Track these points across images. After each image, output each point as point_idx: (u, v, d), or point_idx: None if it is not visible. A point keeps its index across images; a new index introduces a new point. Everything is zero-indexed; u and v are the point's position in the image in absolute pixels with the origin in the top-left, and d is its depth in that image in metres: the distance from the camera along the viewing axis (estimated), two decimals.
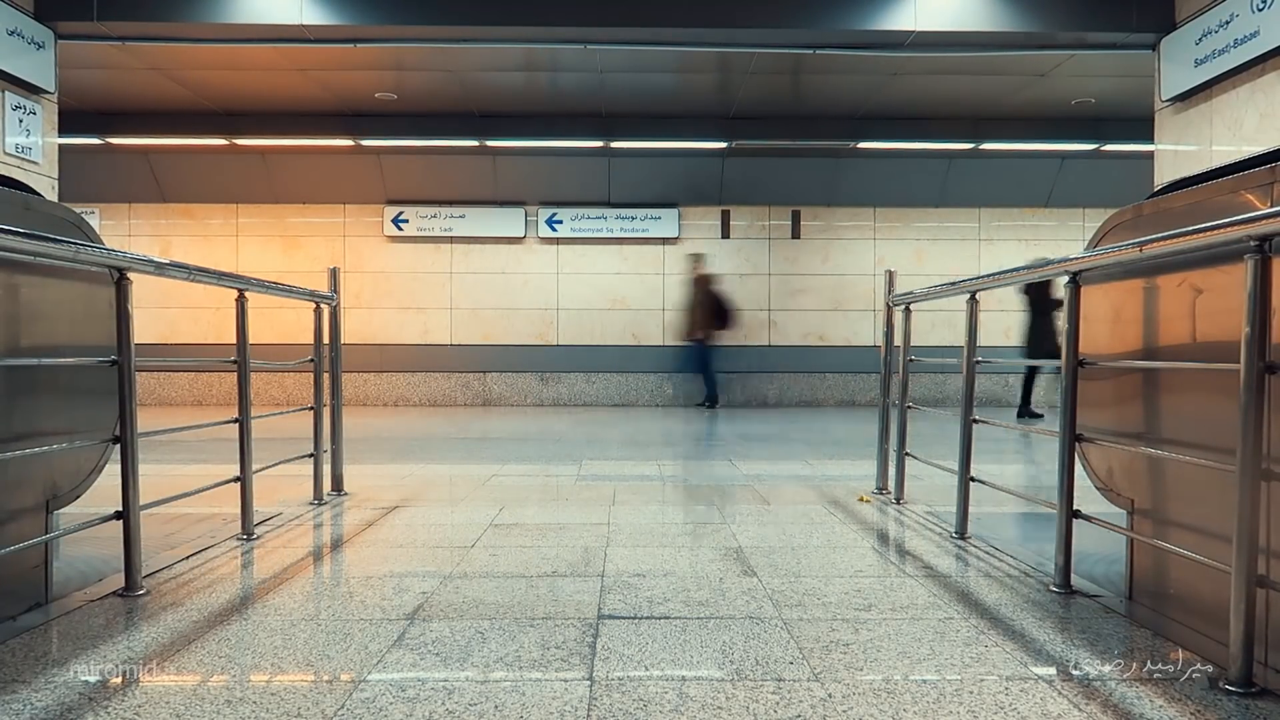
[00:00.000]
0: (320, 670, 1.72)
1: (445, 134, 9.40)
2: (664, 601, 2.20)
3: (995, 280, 2.94)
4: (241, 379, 2.98)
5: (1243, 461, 1.59)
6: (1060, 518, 2.30)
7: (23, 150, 5.97)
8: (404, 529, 3.15)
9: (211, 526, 3.09)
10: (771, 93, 8.54)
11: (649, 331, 10.52)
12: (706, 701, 1.56)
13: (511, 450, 5.84)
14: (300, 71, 7.73)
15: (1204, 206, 1.90)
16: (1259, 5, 5.20)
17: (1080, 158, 9.71)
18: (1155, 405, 2.13)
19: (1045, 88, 8.17)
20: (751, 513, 3.48)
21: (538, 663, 1.76)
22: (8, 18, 5.65)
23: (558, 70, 7.94)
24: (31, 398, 2.11)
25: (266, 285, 3.21)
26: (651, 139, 9.52)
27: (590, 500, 3.76)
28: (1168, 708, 1.54)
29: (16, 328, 2.05)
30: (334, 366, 3.87)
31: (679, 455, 5.54)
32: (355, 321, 10.17)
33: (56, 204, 2.31)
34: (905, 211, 10.57)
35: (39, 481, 2.13)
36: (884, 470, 3.96)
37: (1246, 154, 2.11)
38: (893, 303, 3.90)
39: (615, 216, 10.43)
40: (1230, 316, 1.74)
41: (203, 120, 9.15)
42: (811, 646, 1.86)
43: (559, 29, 6.37)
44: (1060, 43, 6.50)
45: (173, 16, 6.03)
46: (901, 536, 3.12)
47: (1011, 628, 2.01)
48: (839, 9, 6.21)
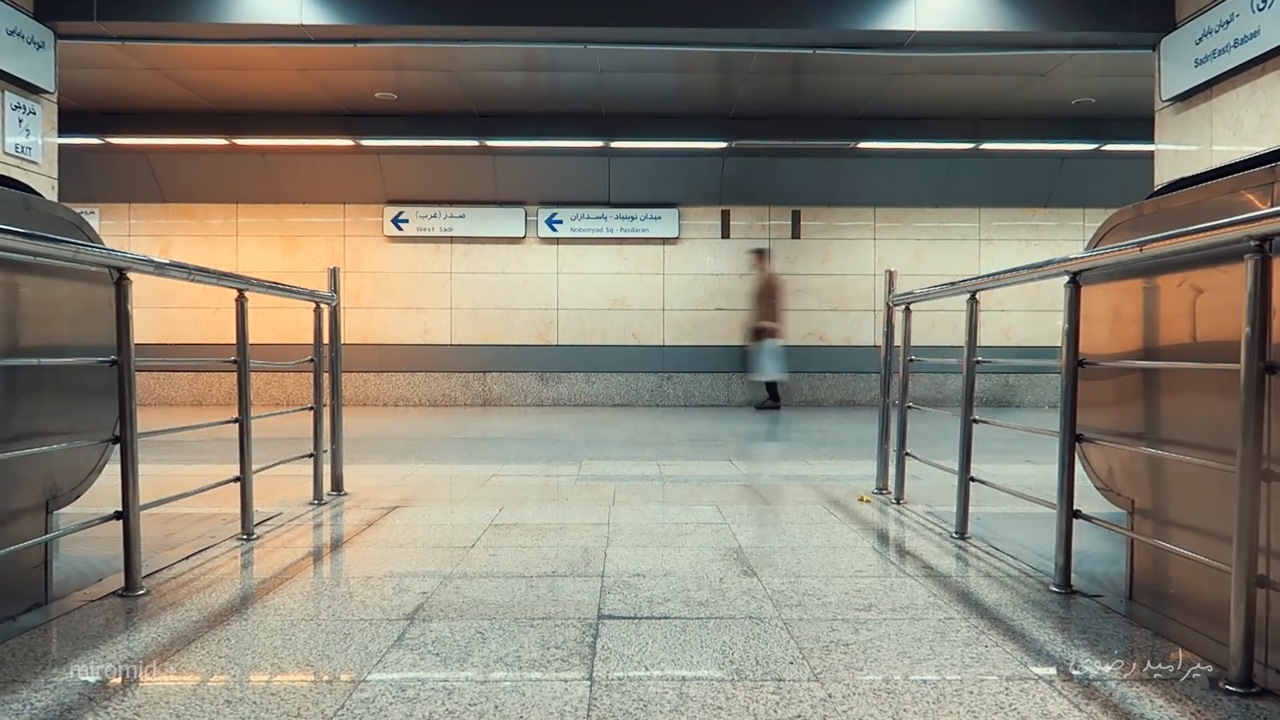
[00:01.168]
0: (320, 670, 1.72)
1: (445, 134, 9.39)
2: (664, 601, 2.20)
3: (995, 280, 2.94)
4: (241, 379, 2.98)
5: (1243, 461, 1.59)
6: (1060, 518, 2.30)
7: (22, 150, 5.97)
8: (404, 529, 3.15)
9: (211, 526, 3.09)
10: (771, 93, 8.54)
11: (649, 331, 10.52)
12: (706, 701, 1.56)
13: (511, 450, 5.84)
14: (300, 71, 7.73)
15: (1204, 206, 1.90)
16: (1259, 5, 5.20)
17: (1080, 158, 9.71)
18: (1155, 405, 2.13)
19: (1045, 88, 8.16)
20: (751, 513, 3.48)
21: (538, 663, 1.76)
22: (8, 18, 5.65)
23: (558, 70, 7.94)
24: (31, 398, 2.11)
25: (266, 285, 3.21)
26: (651, 139, 9.51)
27: (590, 500, 3.76)
28: (1168, 708, 1.54)
29: (16, 328, 2.05)
30: (334, 366, 3.87)
31: (679, 455, 5.54)
32: (355, 321, 10.17)
33: (56, 204, 2.31)
34: (905, 211, 10.56)
35: (39, 481, 2.13)
36: (884, 470, 3.96)
37: (1246, 154, 2.11)
38: (893, 303, 3.90)
39: (615, 216, 10.43)
40: (1230, 316, 1.74)
41: (203, 120, 9.15)
42: (811, 646, 1.86)
43: (559, 29, 6.37)
44: (1060, 43, 6.50)
45: (173, 16, 6.03)
46: (902, 536, 3.12)
47: (1012, 628, 2.00)
48: (839, 9, 6.21)
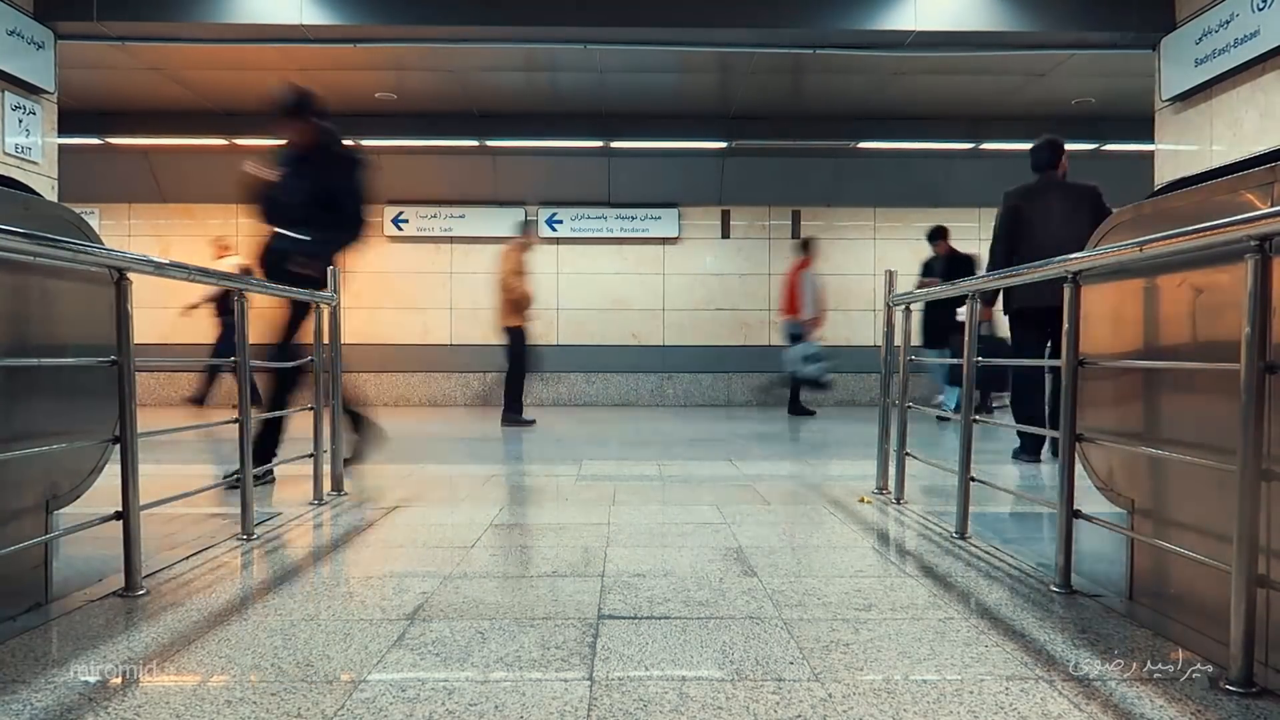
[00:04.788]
0: (320, 670, 1.72)
1: (445, 134, 9.40)
2: (664, 601, 2.20)
3: (995, 280, 2.94)
4: (241, 379, 2.98)
5: (1243, 461, 1.59)
6: (1060, 518, 2.30)
7: (23, 150, 5.97)
8: (404, 529, 3.15)
9: (211, 526, 3.09)
10: (771, 93, 8.54)
11: (649, 331, 10.52)
12: (706, 701, 1.56)
13: (511, 450, 5.84)
14: (300, 71, 7.73)
15: (1204, 206, 1.90)
16: (1259, 5, 5.20)
17: (1080, 158, 9.68)
18: (1155, 405, 2.13)
19: (1045, 87, 8.17)
20: (751, 513, 3.48)
21: (538, 663, 1.76)
22: (8, 18, 5.65)
23: (558, 70, 7.95)
24: (31, 398, 2.11)
25: (266, 285, 3.21)
26: (651, 139, 9.52)
27: (590, 500, 3.76)
28: (1168, 708, 1.54)
29: (16, 327, 2.05)
30: (334, 366, 3.87)
31: (679, 455, 5.54)
32: (355, 321, 10.17)
33: (56, 204, 2.31)
34: (905, 211, 10.56)
35: (39, 481, 2.13)
36: (884, 470, 3.96)
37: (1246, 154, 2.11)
38: (893, 303, 3.90)
39: (615, 216, 10.43)
40: (1230, 316, 1.73)
41: (203, 120, 9.15)
42: (812, 646, 1.86)
43: (559, 29, 6.38)
44: (1060, 42, 6.50)
45: (172, 16, 6.04)
46: (902, 536, 3.12)
47: (1012, 628, 2.00)
48: (839, 9, 6.22)
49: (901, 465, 3.71)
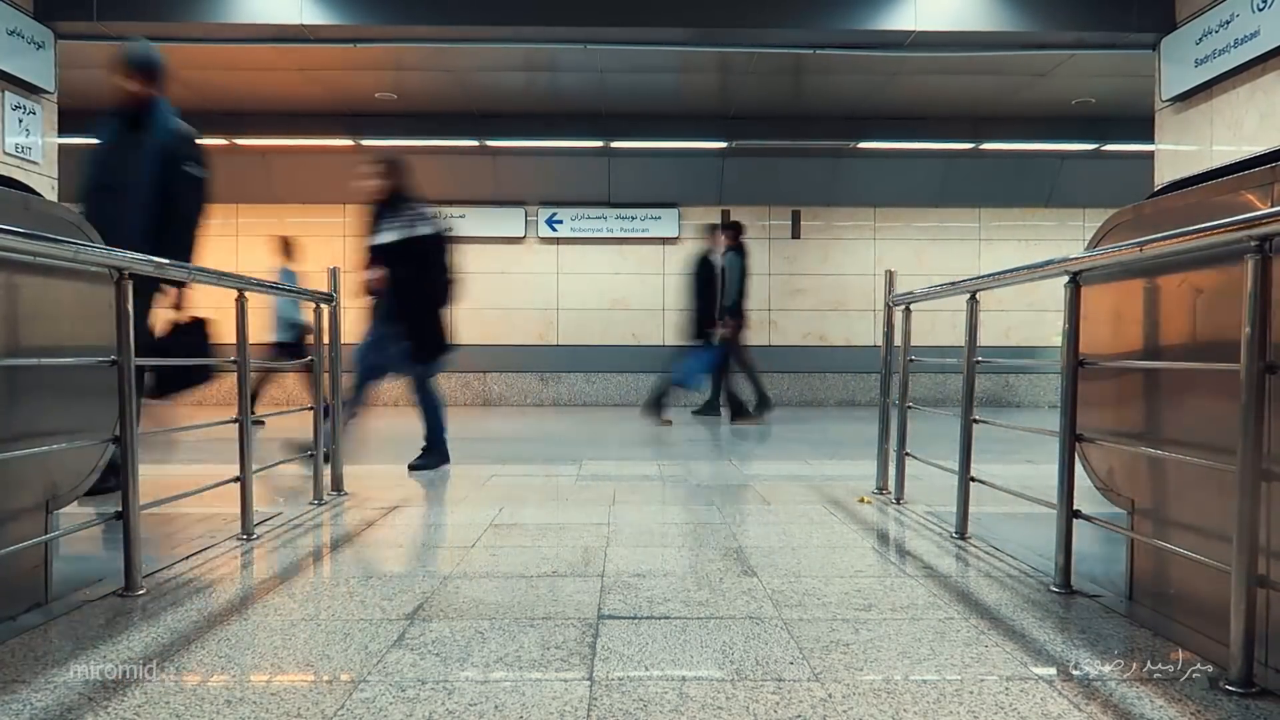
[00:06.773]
0: (320, 670, 1.72)
1: (445, 134, 9.39)
2: (664, 601, 2.20)
3: (995, 280, 2.94)
4: (241, 379, 2.98)
5: (1243, 461, 1.59)
6: (1060, 518, 2.30)
7: (23, 150, 5.97)
8: (404, 529, 3.15)
9: (211, 526, 3.09)
10: (771, 93, 8.54)
11: (649, 331, 10.52)
12: (706, 701, 1.56)
13: (511, 450, 5.84)
14: (300, 71, 7.73)
15: (1204, 206, 1.90)
16: (1259, 5, 5.20)
17: (1080, 158, 9.71)
18: (1155, 405, 2.13)
19: (1045, 88, 8.16)
20: (751, 513, 3.48)
21: (538, 663, 1.76)
22: (8, 18, 5.65)
23: (558, 70, 7.94)
24: (31, 397, 2.11)
25: (266, 285, 3.21)
26: (651, 139, 9.52)
27: (590, 500, 3.75)
28: (1168, 708, 1.54)
29: (16, 327, 2.05)
30: (334, 366, 3.87)
31: (679, 455, 5.54)
32: (356, 321, 10.16)
33: (56, 204, 2.31)
34: (905, 211, 10.56)
35: (39, 481, 2.13)
36: (884, 470, 3.96)
37: (1246, 154, 2.11)
38: (893, 303, 3.90)
39: (615, 216, 10.42)
40: (1230, 316, 1.73)
41: (203, 120, 9.13)
42: (811, 646, 1.86)
43: (559, 29, 6.38)
44: (1060, 43, 6.50)
45: (172, 16, 6.04)
46: (901, 536, 3.12)
47: (1012, 628, 2.00)
48: (839, 9, 6.22)
49: (901, 465, 3.71)
